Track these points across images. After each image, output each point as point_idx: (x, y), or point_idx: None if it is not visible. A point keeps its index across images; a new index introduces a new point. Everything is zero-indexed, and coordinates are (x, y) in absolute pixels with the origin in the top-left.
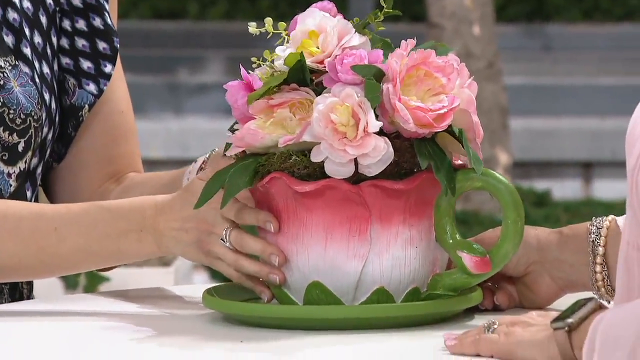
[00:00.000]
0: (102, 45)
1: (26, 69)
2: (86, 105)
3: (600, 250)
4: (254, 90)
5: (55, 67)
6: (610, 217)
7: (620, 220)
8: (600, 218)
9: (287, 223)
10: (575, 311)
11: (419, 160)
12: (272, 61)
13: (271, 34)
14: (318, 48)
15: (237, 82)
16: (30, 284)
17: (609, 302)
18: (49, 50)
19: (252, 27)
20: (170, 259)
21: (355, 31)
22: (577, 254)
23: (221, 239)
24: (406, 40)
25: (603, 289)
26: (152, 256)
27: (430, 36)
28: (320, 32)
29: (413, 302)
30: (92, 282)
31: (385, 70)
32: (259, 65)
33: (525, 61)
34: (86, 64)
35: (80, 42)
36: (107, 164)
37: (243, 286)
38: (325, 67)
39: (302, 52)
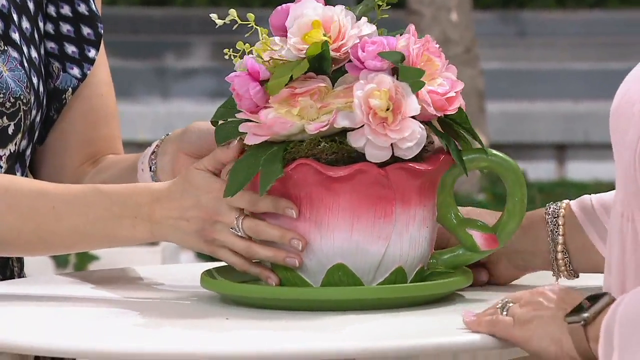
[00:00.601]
0: (86, 30)
1: (15, 54)
2: (70, 89)
3: (560, 239)
4: (261, 80)
5: (42, 51)
6: (564, 203)
7: (575, 204)
8: (555, 205)
9: (309, 208)
10: (591, 305)
11: (441, 140)
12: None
13: (238, 24)
14: (326, 36)
15: (243, 73)
16: (21, 262)
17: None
18: (36, 35)
19: (215, 18)
20: None
21: (359, 19)
22: (537, 243)
23: (231, 228)
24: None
25: (565, 272)
26: (144, 242)
27: (409, 23)
28: (325, 22)
29: (433, 282)
30: (82, 261)
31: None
32: (242, 56)
33: (501, 47)
34: (71, 49)
35: (65, 28)
36: (87, 145)
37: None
38: (341, 55)
39: (325, 41)
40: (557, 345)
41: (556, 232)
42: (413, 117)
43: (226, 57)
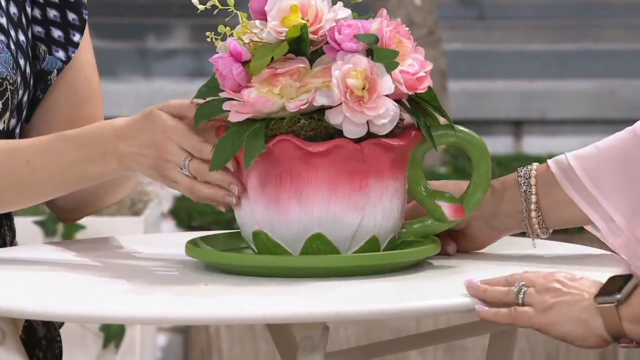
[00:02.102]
0: (71, 15)
1: (2, 37)
2: (55, 70)
3: (533, 198)
4: (242, 61)
5: (30, 35)
6: (534, 165)
7: (551, 162)
8: (525, 168)
9: (290, 181)
10: (620, 287)
11: (413, 117)
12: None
13: (218, 9)
14: (304, 20)
15: (225, 55)
16: (12, 231)
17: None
18: (24, 20)
19: (196, 3)
20: (140, 208)
21: (335, 4)
22: (512, 205)
23: (180, 167)
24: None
25: (538, 230)
26: (115, 174)
27: (376, 6)
28: (302, 6)
29: (405, 250)
30: (69, 230)
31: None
32: (224, 38)
33: (462, 29)
34: (56, 33)
35: (52, 13)
36: (69, 124)
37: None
38: (318, 37)
39: (305, 24)
40: (584, 326)
41: (529, 192)
42: (386, 95)
43: (208, 39)
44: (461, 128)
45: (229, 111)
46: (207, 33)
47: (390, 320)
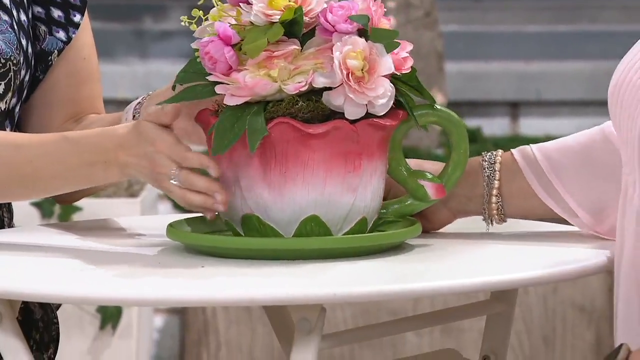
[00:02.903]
0: None
1: (6, 17)
2: (55, 51)
3: (496, 183)
4: (232, 44)
5: (30, 15)
6: (500, 151)
7: (516, 152)
8: (490, 153)
9: (285, 164)
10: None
11: (399, 97)
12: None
13: None
14: (291, 1)
15: (214, 39)
16: (10, 213)
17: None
18: (25, 0)
19: None
20: (137, 190)
21: None
22: (473, 188)
23: (171, 178)
24: None
25: (496, 216)
26: (117, 181)
27: None
28: None
29: (399, 230)
30: (66, 212)
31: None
32: (198, 23)
33: (459, 10)
34: (57, 13)
35: None
36: (69, 104)
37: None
38: (309, 19)
39: (300, 6)
40: None
41: (492, 177)
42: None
43: (182, 23)
44: (441, 108)
45: (215, 95)
46: (181, 17)
47: (387, 301)
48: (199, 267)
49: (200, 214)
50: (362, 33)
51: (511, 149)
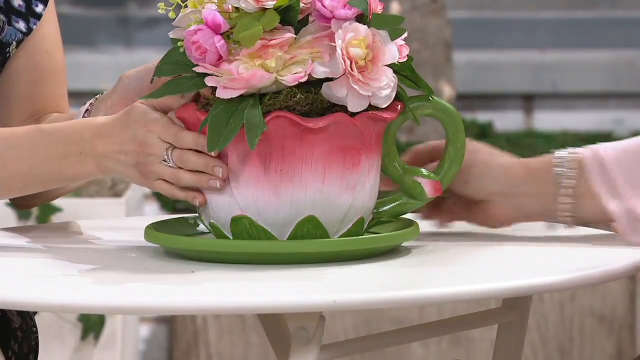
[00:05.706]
0: None
1: None
2: (14, 42)
3: (569, 182)
4: (222, 32)
5: None
6: (570, 149)
7: (587, 152)
8: (563, 150)
9: (281, 161)
10: None
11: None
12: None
13: None
14: None
15: (202, 27)
16: None
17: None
18: None
19: None
20: (122, 189)
21: None
22: (542, 186)
23: (163, 160)
24: None
25: (569, 218)
26: (92, 177)
27: None
28: None
29: (399, 232)
30: (45, 213)
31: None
32: (176, 10)
33: None
34: (17, 2)
35: None
36: (29, 101)
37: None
38: (305, 5)
39: None
40: None
41: (565, 176)
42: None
43: (160, 11)
44: (437, 99)
45: (201, 88)
46: (160, 4)
47: (390, 309)
48: (189, 273)
49: (180, 215)
50: (359, 19)
51: (582, 149)
